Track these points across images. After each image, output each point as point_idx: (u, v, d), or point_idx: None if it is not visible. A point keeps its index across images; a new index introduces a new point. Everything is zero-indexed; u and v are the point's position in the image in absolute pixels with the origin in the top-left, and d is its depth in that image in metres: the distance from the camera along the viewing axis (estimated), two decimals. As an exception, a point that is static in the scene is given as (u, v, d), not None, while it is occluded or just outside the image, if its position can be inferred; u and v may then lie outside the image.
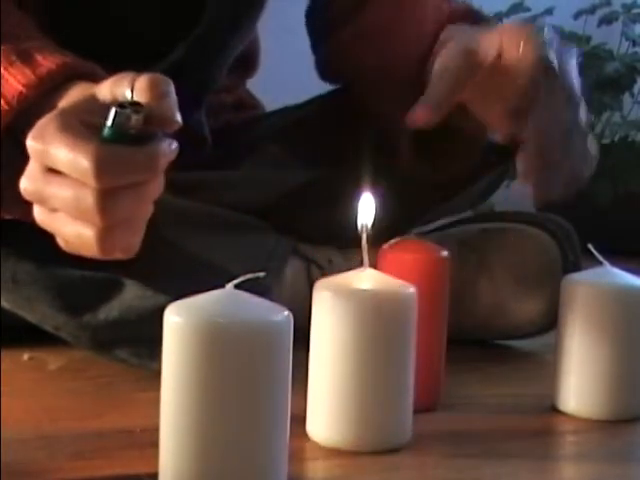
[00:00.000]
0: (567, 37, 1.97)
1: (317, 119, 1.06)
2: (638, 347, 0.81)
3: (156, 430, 0.61)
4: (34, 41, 0.75)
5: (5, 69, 0.73)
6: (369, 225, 0.73)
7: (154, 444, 0.61)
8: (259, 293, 0.62)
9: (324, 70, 1.07)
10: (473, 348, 1.02)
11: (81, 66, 0.74)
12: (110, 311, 0.85)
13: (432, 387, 0.81)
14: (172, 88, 0.66)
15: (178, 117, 0.65)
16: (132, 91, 0.65)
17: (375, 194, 0.75)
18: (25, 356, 0.93)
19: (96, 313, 0.85)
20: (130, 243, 0.67)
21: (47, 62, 0.73)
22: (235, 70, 1.09)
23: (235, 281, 0.61)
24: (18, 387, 0.84)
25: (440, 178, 0.97)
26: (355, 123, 1.01)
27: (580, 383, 0.81)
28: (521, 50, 0.82)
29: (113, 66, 0.71)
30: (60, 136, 0.64)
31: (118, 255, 0.67)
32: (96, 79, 0.70)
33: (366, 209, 0.74)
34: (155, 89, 0.65)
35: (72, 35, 0.81)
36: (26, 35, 0.76)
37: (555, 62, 0.82)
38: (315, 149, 1.00)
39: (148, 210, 0.67)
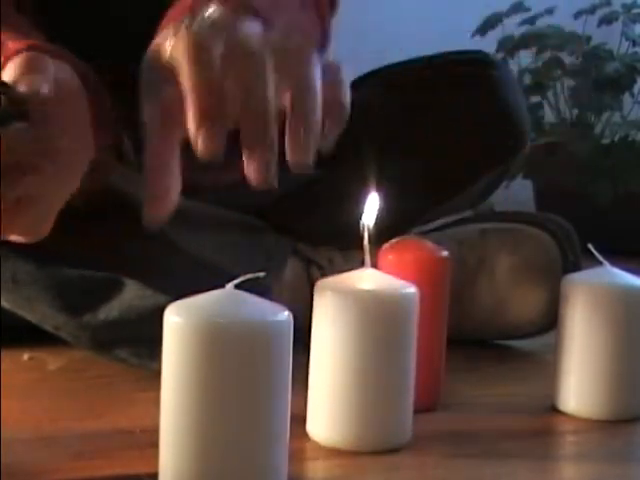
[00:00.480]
0: (567, 37, 1.97)
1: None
2: (638, 347, 0.81)
3: (156, 430, 0.61)
4: (11, 33, 0.75)
5: None
6: (371, 225, 0.73)
7: (154, 444, 0.61)
8: (259, 293, 0.62)
9: None
10: (473, 348, 1.02)
11: (50, 49, 0.73)
12: (110, 311, 0.85)
13: (432, 387, 0.81)
14: (48, 66, 0.64)
15: (44, 92, 0.63)
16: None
17: (375, 194, 0.75)
18: (25, 356, 0.92)
19: (96, 313, 0.85)
20: (31, 227, 0.64)
21: (16, 45, 0.72)
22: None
23: (235, 281, 0.61)
24: (18, 387, 0.84)
25: None
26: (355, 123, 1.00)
27: (580, 383, 0.81)
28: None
29: (112, 65, 0.71)
30: None
31: (15, 239, 0.64)
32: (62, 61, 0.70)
33: (369, 209, 0.74)
34: (24, 67, 0.64)
35: (72, 35, 0.81)
36: (7, 30, 0.76)
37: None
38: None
39: (48, 194, 0.64)
